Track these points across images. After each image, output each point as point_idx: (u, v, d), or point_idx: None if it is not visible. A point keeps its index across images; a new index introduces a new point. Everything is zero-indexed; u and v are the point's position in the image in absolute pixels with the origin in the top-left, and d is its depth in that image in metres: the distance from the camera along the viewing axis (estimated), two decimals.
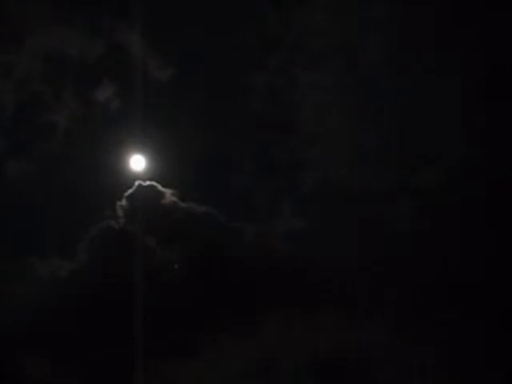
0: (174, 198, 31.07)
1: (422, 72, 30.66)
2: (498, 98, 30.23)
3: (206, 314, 29.56)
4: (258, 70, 31.87)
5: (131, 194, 31.01)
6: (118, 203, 30.98)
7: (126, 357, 28.55)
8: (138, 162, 31.13)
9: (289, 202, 31.39)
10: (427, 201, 30.15)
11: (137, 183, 31.04)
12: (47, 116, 31.98)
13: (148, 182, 31.09)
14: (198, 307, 29.65)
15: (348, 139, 31.02)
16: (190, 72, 31.78)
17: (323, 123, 31.19)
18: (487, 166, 30.04)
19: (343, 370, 29.05)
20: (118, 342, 28.78)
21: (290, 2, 31.69)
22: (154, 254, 30.47)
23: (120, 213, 30.93)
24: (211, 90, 31.60)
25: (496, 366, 28.60)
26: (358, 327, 29.27)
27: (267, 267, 30.18)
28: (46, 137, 31.83)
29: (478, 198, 30.00)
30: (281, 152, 31.68)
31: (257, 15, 31.73)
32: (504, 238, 29.55)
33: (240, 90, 31.84)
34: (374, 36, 30.82)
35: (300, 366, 29.17)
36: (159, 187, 31.12)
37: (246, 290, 29.84)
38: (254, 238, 30.99)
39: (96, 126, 31.98)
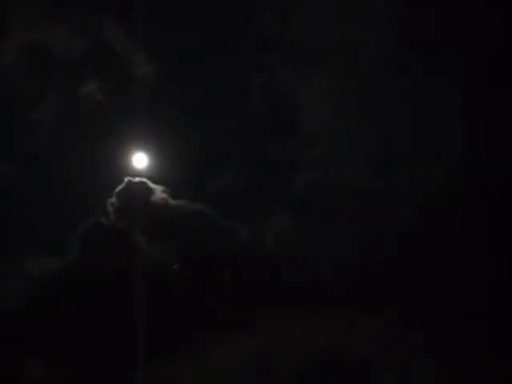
0: (164, 195, 30.85)
1: (421, 72, 30.72)
2: (497, 98, 30.29)
3: (204, 313, 29.47)
4: (258, 69, 31.94)
5: (121, 191, 30.81)
6: (109, 200, 30.78)
7: (125, 356, 28.45)
8: (132, 160, 31.06)
9: (288, 202, 31.38)
10: (427, 201, 30.15)
11: (126, 179, 30.85)
12: (34, 113, 31.71)
13: (138, 179, 30.88)
14: (195, 307, 29.55)
15: (348, 139, 31.05)
16: (189, 72, 31.73)
17: (323, 123, 31.19)
18: (487, 166, 30.08)
19: (343, 369, 29.01)
20: (117, 342, 28.65)
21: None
22: (144, 251, 30.21)
23: (110, 209, 30.73)
24: (210, 89, 31.60)
25: (496, 365, 28.59)
26: (357, 327, 29.23)
27: (266, 267, 30.14)
28: (33, 134, 31.57)
29: (477, 198, 30.03)
30: (280, 152, 31.69)
31: (256, 15, 31.74)
32: (504, 237, 29.58)
33: (239, 90, 31.86)
34: (373, 36, 30.91)
35: (300, 365, 29.11)
36: (149, 184, 30.90)
37: (243, 289, 29.74)
38: (251, 238, 30.91)
39: (84, 123, 31.78)
